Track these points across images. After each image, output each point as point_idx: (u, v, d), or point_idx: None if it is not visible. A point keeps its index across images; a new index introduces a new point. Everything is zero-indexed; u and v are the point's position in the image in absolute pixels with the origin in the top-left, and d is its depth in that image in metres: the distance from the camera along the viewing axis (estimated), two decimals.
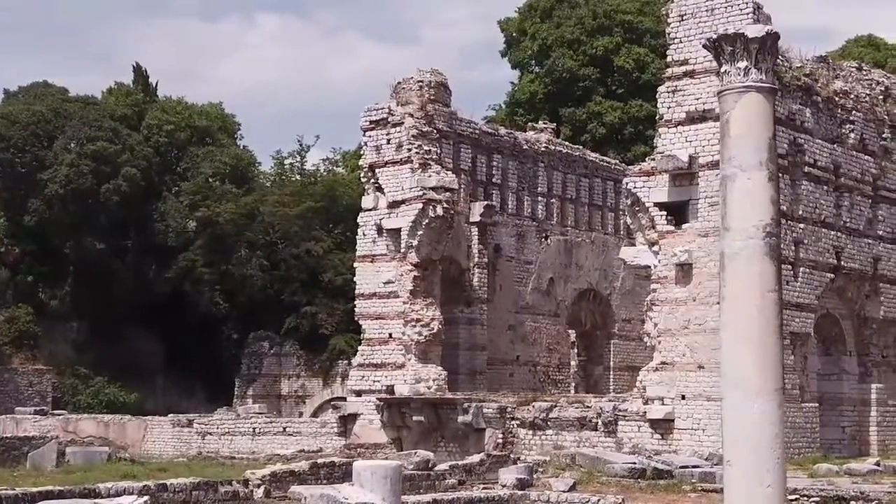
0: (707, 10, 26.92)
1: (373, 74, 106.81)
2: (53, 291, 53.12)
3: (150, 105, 58.23)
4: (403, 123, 33.74)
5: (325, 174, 57.12)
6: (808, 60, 29.05)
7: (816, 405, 27.97)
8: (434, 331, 33.01)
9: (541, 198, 38.78)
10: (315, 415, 45.21)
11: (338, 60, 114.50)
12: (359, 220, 34.82)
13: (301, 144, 58.65)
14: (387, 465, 12.73)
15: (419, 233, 33.09)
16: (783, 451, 10.18)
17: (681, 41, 27.41)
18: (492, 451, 25.65)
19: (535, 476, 21.49)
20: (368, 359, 33.90)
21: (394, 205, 33.66)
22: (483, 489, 20.49)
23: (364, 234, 34.49)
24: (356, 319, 34.92)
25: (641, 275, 35.04)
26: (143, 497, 16.10)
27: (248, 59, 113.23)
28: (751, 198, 10.40)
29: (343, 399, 37.93)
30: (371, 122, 34.52)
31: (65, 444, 31.41)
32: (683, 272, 26.81)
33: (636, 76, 54.69)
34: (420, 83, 34.21)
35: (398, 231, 33.44)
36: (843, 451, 28.47)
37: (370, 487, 12.01)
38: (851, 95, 29.87)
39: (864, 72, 31.66)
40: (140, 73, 60.52)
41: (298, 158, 58.83)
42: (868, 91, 30.75)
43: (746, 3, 26.25)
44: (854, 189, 29.66)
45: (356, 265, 34.94)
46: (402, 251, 33.35)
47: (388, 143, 34.03)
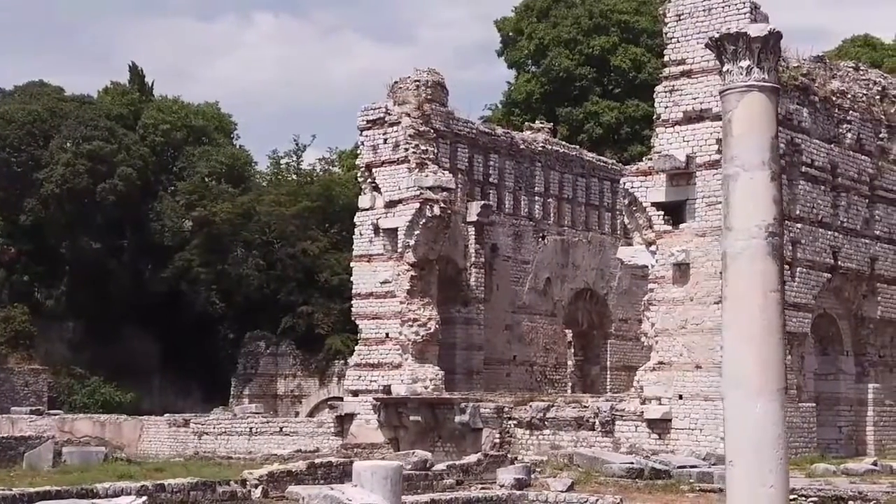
0: (704, 10, 26.92)
1: (369, 74, 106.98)
2: (49, 291, 53.00)
3: (147, 104, 58.13)
4: (400, 123, 33.71)
5: (322, 174, 57.03)
6: (805, 60, 29.02)
7: (813, 405, 27.99)
8: (431, 330, 32.99)
9: (537, 197, 38.77)
10: (311, 415, 45.15)
11: (334, 60, 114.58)
12: (356, 220, 34.79)
13: (297, 144, 58.57)
14: (387, 466, 12.69)
15: (416, 232, 33.06)
16: (786, 452, 10.14)
17: (678, 41, 27.40)
18: (489, 451, 25.59)
19: (533, 476, 21.46)
20: (365, 358, 33.88)
21: (390, 204, 33.64)
22: (481, 489, 20.46)
23: (361, 234, 34.46)
24: (353, 319, 34.90)
25: (638, 275, 35.07)
26: (142, 497, 16.07)
27: (245, 59, 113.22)
28: (753, 197, 10.35)
29: (339, 399, 37.89)
30: (368, 122, 34.50)
31: (61, 444, 31.34)
32: (681, 272, 26.80)
33: (633, 76, 54.71)
34: (417, 83, 34.18)
35: (395, 231, 33.43)
36: (840, 451, 28.47)
37: (370, 488, 11.98)
38: (848, 95, 29.86)
39: (861, 72, 31.64)
40: (136, 73, 60.41)
41: (295, 158, 58.75)
42: (865, 91, 30.74)
43: (744, 3, 26.24)
44: (851, 189, 29.65)
45: (353, 265, 34.91)
46: (399, 251, 33.32)
47: (385, 143, 34.00)
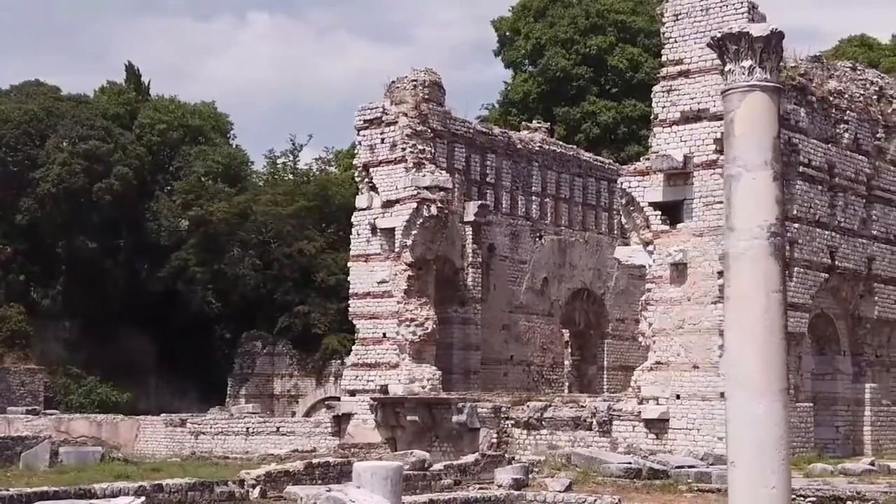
0: (702, 10, 26.89)
1: (365, 74, 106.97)
2: (45, 291, 52.98)
3: (143, 104, 58.10)
4: (397, 123, 33.67)
5: (318, 173, 57.05)
6: (803, 60, 28.97)
7: (811, 405, 27.95)
8: (428, 330, 32.95)
9: (535, 197, 38.74)
10: (308, 414, 45.15)
11: (330, 60, 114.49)
12: (353, 220, 34.73)
13: (294, 143, 58.66)
14: (387, 466, 12.66)
15: (413, 232, 33.01)
16: (788, 453, 10.09)
17: (676, 41, 27.37)
18: (486, 451, 25.58)
19: (531, 476, 21.46)
20: (362, 358, 33.83)
21: (388, 204, 33.59)
22: (479, 489, 20.43)
23: (358, 234, 34.41)
24: (350, 319, 34.86)
25: (636, 274, 34.97)
26: (140, 497, 16.03)
27: (241, 58, 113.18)
28: (755, 197, 10.31)
29: (336, 398, 37.84)
30: (365, 122, 34.45)
31: (57, 444, 31.23)
32: (678, 272, 26.77)
33: (630, 76, 54.72)
34: (414, 82, 34.13)
35: (392, 230, 33.38)
36: (838, 451, 28.45)
37: (371, 488, 11.94)
38: (846, 95, 29.84)
39: (859, 72, 31.62)
40: (132, 72, 60.37)
41: (291, 158, 58.81)
42: (862, 91, 30.72)
43: (742, 3, 26.20)
44: (848, 189, 29.62)
45: (350, 264, 34.85)
46: (397, 251, 33.28)
47: (382, 143, 33.96)
